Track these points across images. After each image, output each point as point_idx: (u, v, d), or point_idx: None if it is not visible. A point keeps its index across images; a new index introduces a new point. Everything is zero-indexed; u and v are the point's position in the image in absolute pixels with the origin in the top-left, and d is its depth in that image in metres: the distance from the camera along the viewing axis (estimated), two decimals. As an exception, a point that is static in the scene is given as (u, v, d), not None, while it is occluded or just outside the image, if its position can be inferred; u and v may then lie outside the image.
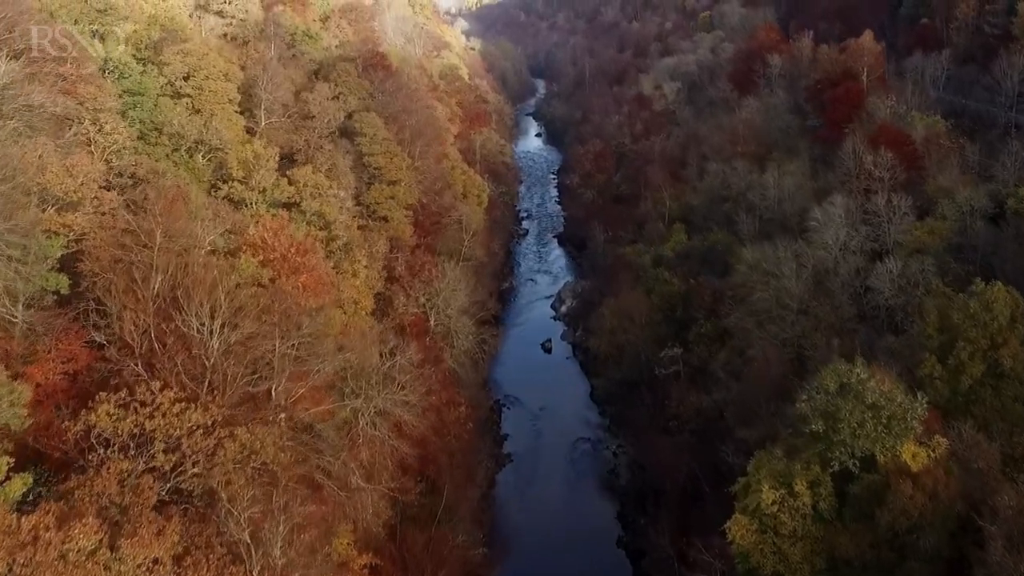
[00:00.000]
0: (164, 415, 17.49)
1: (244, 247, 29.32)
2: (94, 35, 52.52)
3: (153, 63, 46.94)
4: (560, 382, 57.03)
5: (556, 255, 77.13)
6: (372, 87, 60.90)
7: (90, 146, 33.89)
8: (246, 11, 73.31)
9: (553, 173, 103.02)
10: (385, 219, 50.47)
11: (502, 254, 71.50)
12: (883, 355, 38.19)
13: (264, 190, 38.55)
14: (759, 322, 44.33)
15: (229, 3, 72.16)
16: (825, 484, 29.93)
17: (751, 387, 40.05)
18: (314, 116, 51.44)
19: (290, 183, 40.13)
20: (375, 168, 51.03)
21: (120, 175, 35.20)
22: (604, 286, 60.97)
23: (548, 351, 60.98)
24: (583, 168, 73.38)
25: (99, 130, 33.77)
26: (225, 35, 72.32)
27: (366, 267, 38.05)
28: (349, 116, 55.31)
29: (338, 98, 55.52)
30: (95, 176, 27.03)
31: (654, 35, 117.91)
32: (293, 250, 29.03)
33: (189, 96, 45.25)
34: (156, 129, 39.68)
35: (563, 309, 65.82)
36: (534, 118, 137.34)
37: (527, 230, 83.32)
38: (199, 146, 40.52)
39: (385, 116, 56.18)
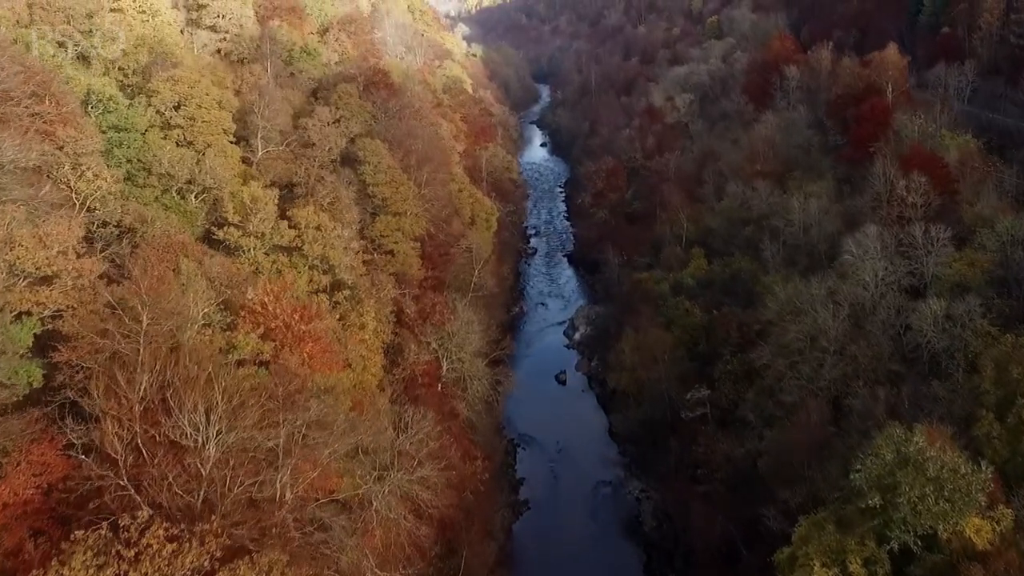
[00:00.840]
0: (152, 559, 14.76)
1: (243, 314, 26.47)
2: (78, 58, 49.95)
3: (142, 91, 44.11)
4: (576, 418, 54.31)
5: (567, 276, 74.33)
6: (374, 108, 57.97)
7: (70, 194, 31.09)
8: (240, 26, 70.21)
9: (560, 186, 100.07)
10: (391, 253, 47.66)
11: (511, 278, 68.71)
12: (928, 403, 35.69)
13: (263, 235, 35.66)
14: (792, 363, 41.65)
15: (222, 17, 69.31)
16: (882, 563, 27.37)
17: (787, 439, 37.40)
18: (314, 144, 48.53)
19: (290, 225, 37.25)
20: (380, 199, 48.16)
21: (104, 224, 32.39)
22: (620, 314, 58.19)
23: (563, 383, 58.26)
24: (595, 186, 70.56)
25: (80, 177, 30.90)
26: (219, 51, 69.46)
27: (375, 318, 35.18)
28: (351, 141, 52.46)
29: (339, 122, 52.59)
30: (73, 242, 24.10)
31: (661, 41, 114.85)
32: (297, 316, 26.25)
33: (180, 127, 42.37)
34: (145, 169, 36.77)
35: (576, 336, 63.06)
36: (538, 127, 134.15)
37: (535, 249, 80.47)
38: (191, 186, 37.61)
39: (389, 141, 53.28)
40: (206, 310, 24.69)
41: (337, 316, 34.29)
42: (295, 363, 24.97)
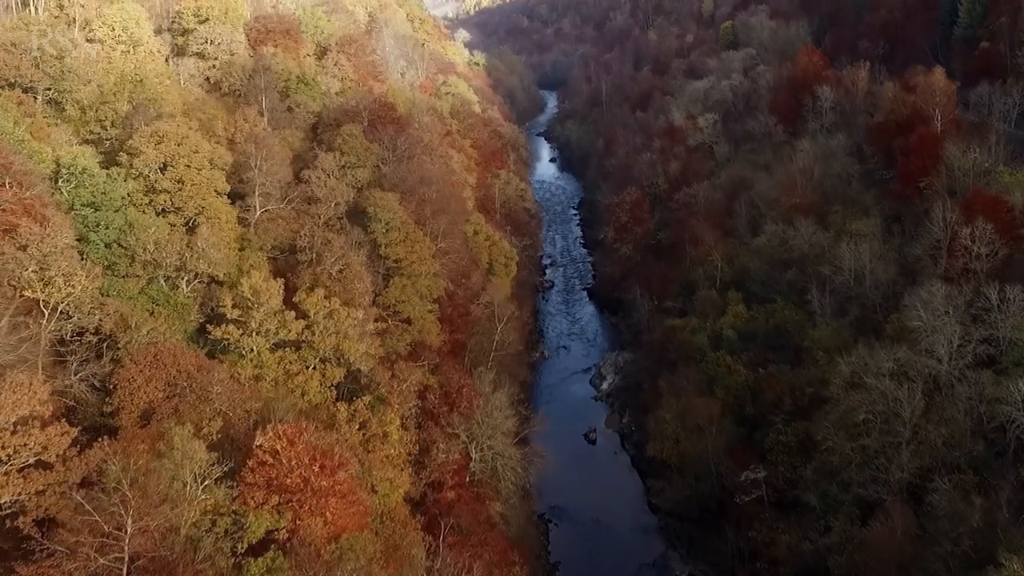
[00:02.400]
0: None
1: (251, 466, 21.93)
2: (48, 103, 44.88)
3: (122, 148, 39.21)
4: (610, 485, 50.06)
5: (588, 314, 69.87)
6: (382, 149, 53.14)
7: (36, 301, 26.44)
8: (231, 52, 65.05)
9: (574, 208, 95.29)
10: (408, 321, 43.13)
11: (530, 320, 64.24)
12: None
13: (267, 331, 31.07)
14: (859, 446, 37.43)
15: (211, 43, 64.00)
16: None
17: (866, 539, 33.33)
18: (319, 199, 43.79)
19: (298, 315, 32.65)
20: (393, 260, 43.54)
21: (81, 332, 27.76)
22: (654, 366, 53.84)
23: (592, 442, 54.00)
24: (618, 220, 65.95)
25: (48, 284, 26.22)
26: (208, 79, 64.23)
27: (399, 426, 30.72)
28: (359, 191, 47.73)
29: (344, 170, 47.83)
30: (35, 405, 19.46)
31: (675, 50, 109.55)
32: (317, 468, 21.84)
33: (167, 192, 37.61)
34: (128, 256, 32.01)
35: (604, 387, 58.75)
36: (546, 139, 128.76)
37: (552, 282, 75.89)
38: (182, 272, 32.89)
39: (401, 189, 48.56)
40: (203, 497, 20.07)
41: (356, 426, 29.79)
42: (318, 532, 20.61)
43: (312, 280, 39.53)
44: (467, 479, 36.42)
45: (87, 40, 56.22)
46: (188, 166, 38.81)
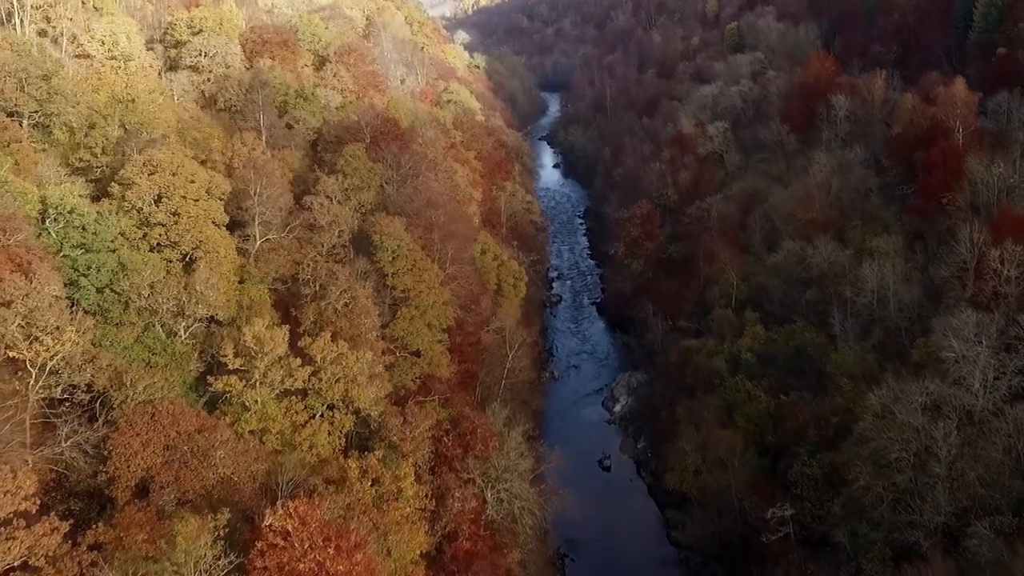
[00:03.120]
0: None
1: (260, 548, 20.12)
2: (35, 127, 42.80)
3: (114, 177, 37.17)
4: (628, 516, 48.40)
5: (598, 331, 68.10)
6: (386, 169, 51.12)
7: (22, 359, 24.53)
8: (227, 65, 62.83)
9: (579, 216, 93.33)
10: (417, 353, 41.31)
11: (539, 340, 62.43)
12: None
13: (272, 382, 29.22)
14: (890, 483, 35.82)
15: (205, 56, 61.73)
16: None
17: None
18: (322, 227, 41.83)
19: (302, 360, 30.78)
20: (401, 291, 41.65)
21: (71, 389, 25.86)
22: (669, 391, 52.19)
23: (607, 469, 52.34)
24: (628, 234, 64.09)
25: (34, 342, 24.31)
26: (203, 93, 61.95)
27: (414, 481, 28.95)
28: (363, 217, 45.77)
29: (348, 194, 45.86)
30: (21, 501, 17.61)
31: (680, 52, 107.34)
32: (332, 550, 20.06)
33: (162, 225, 35.64)
34: (121, 302, 30.04)
35: (617, 409, 57.07)
36: (548, 144, 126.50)
37: (560, 296, 74.09)
38: (179, 318, 30.95)
39: (407, 212, 46.61)
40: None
41: (369, 482, 28.01)
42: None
43: (316, 314, 37.73)
44: (483, 524, 34.67)
45: (76, 55, 54.20)
46: (184, 197, 36.89)
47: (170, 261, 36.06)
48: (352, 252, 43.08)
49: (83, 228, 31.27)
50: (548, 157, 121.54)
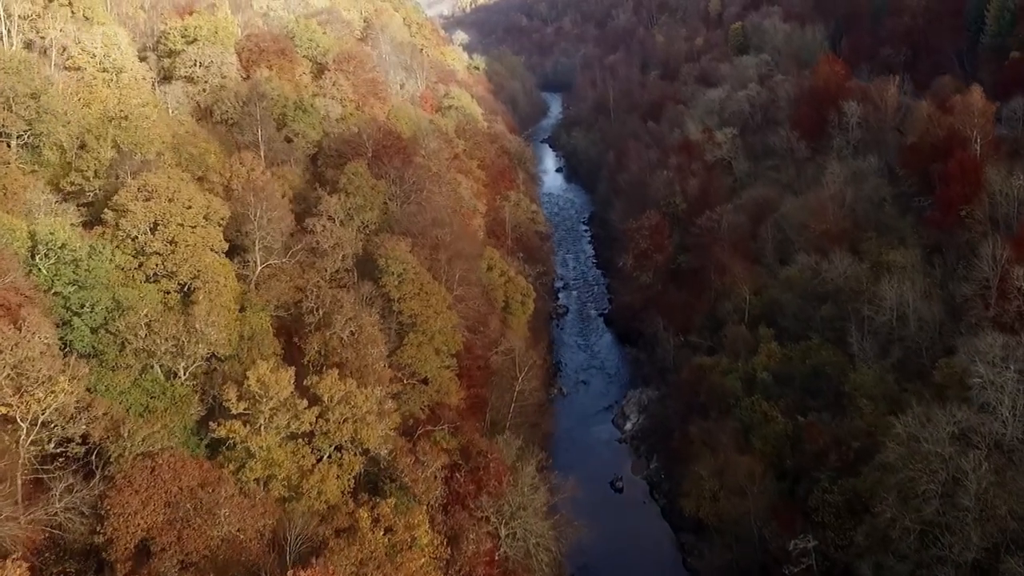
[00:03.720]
0: None
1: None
2: (24, 147, 41.14)
3: (108, 203, 35.58)
4: (642, 540, 47.15)
5: (606, 344, 66.76)
6: (389, 185, 49.56)
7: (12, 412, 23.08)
8: (222, 75, 61.02)
9: (584, 223, 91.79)
10: (425, 381, 39.93)
11: (547, 355, 61.06)
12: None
13: (278, 427, 27.80)
14: (917, 514, 34.68)
15: (200, 65, 59.88)
16: None
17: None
18: (325, 252, 40.30)
19: (309, 401, 29.37)
20: (408, 316, 40.20)
21: (66, 442, 24.41)
22: (683, 409, 50.94)
23: (619, 490, 51.12)
24: (637, 246, 62.70)
25: (24, 395, 22.86)
26: (198, 105, 60.13)
27: (428, 527, 27.63)
28: (367, 238, 44.24)
29: (351, 214, 44.30)
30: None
31: (684, 53, 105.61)
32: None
33: (158, 254, 34.14)
34: (117, 344, 28.51)
35: (628, 427, 55.82)
36: (550, 146, 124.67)
37: (566, 307, 72.68)
38: (179, 358, 29.46)
39: (412, 232, 45.12)
40: None
41: (381, 531, 26.67)
42: None
43: (321, 344, 36.36)
44: (497, 563, 33.41)
45: (66, 67, 52.36)
46: (181, 224, 35.36)
47: (167, 292, 34.63)
48: (356, 276, 41.63)
49: (75, 263, 29.75)
50: (550, 160, 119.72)
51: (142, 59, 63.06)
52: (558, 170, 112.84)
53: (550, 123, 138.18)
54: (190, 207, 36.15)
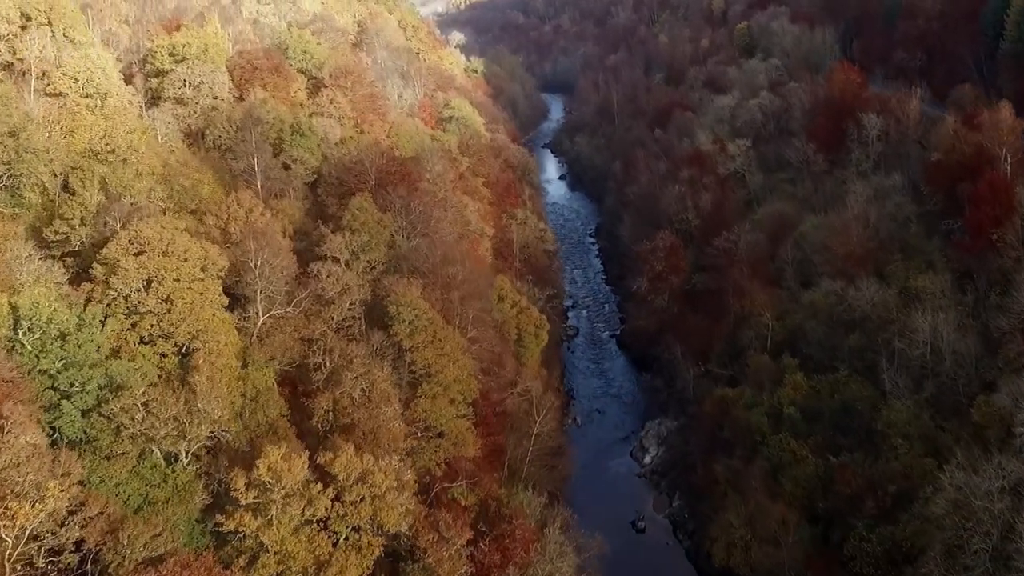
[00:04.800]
0: None
1: None
2: (3, 189, 38.31)
3: (96, 255, 32.91)
4: (667, 588, 45.44)
5: (619, 369, 64.60)
6: (395, 218, 46.89)
7: None
8: (214, 95, 57.91)
9: (590, 234, 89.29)
10: (441, 435, 37.63)
11: (560, 383, 58.96)
12: None
13: (291, 516, 25.47)
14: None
15: (190, 86, 56.71)
16: None
17: None
18: (332, 300, 37.78)
19: (322, 478, 27.04)
20: (422, 366, 37.82)
21: (56, 553, 21.98)
22: (704, 442, 48.98)
23: (641, 531, 49.18)
24: (651, 269, 60.40)
25: (6, 507, 20.44)
26: (189, 127, 57.01)
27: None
28: (375, 278, 41.69)
29: (357, 255, 41.69)
30: None
31: (689, 56, 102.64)
32: None
33: (153, 314, 31.60)
34: (112, 429, 25.99)
35: (647, 460, 53.83)
36: (552, 152, 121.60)
37: (577, 329, 70.42)
38: (180, 440, 26.99)
39: (423, 271, 42.63)
40: None
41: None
42: None
43: (330, 403, 33.98)
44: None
45: (46, 94, 49.21)
46: (178, 279, 32.75)
47: (163, 355, 32.11)
48: (364, 323, 39.17)
49: (63, 338, 27.13)
50: (552, 166, 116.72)
51: (128, 79, 59.84)
52: (561, 177, 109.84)
53: (551, 126, 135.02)
54: (186, 260, 33.55)
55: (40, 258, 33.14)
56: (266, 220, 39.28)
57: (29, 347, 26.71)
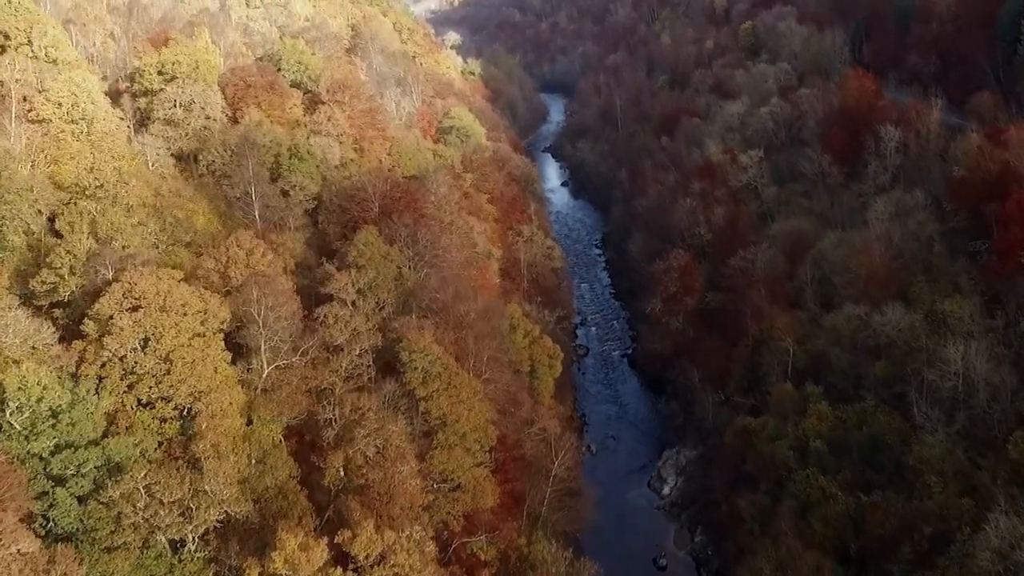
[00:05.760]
0: None
1: None
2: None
3: (89, 318, 30.58)
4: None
5: (632, 392, 62.74)
6: (402, 249, 44.61)
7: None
8: (206, 116, 55.12)
9: (596, 245, 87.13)
10: (458, 487, 35.71)
11: (572, 410, 57.14)
12: None
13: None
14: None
15: (180, 107, 53.95)
16: None
17: None
18: (340, 347, 35.62)
19: (343, 563, 25.06)
20: (437, 417, 35.80)
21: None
22: (727, 474, 47.33)
23: (663, 568, 47.62)
24: (665, 290, 58.47)
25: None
26: (181, 151, 54.23)
27: None
28: (384, 319, 39.50)
29: (364, 293, 39.44)
30: None
31: (694, 58, 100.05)
32: None
33: (151, 375, 29.42)
34: (111, 516, 23.79)
35: (666, 491, 52.18)
36: (553, 156, 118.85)
37: (587, 348, 68.47)
38: (186, 524, 24.88)
39: (434, 309, 40.48)
40: None
41: None
42: None
43: (343, 462, 31.94)
44: None
45: (28, 120, 46.36)
46: (176, 336, 30.55)
47: (163, 420, 29.93)
48: (375, 370, 37.04)
49: (54, 416, 24.88)
50: (553, 171, 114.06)
51: (115, 97, 56.92)
52: (563, 184, 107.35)
53: (550, 129, 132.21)
54: (185, 314, 31.30)
55: (27, 317, 30.73)
56: (267, 261, 36.90)
57: (18, 428, 24.47)
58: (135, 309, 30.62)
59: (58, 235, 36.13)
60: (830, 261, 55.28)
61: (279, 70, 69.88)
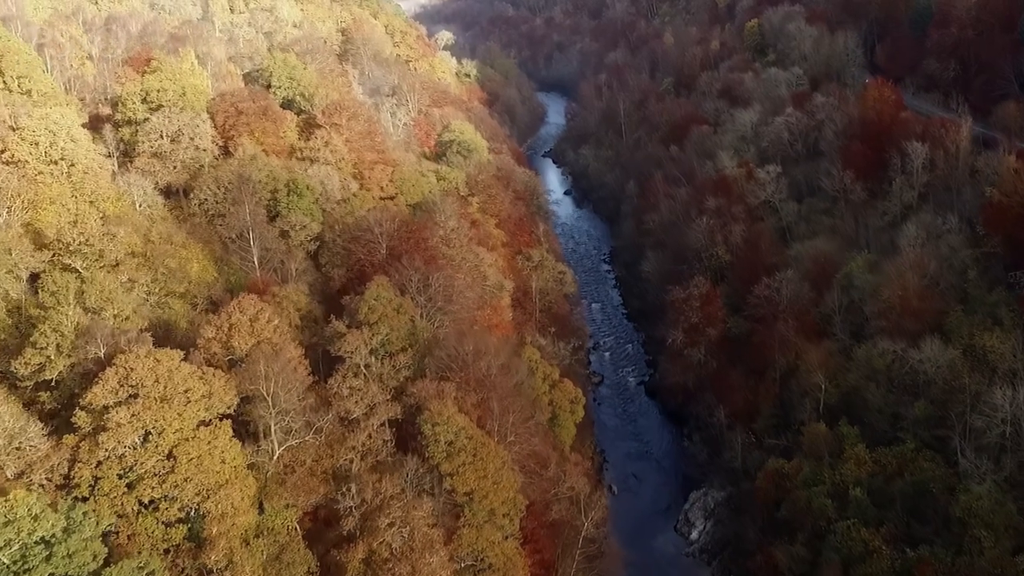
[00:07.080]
0: None
1: None
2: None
3: (81, 409, 27.48)
4: None
5: (652, 425, 60.23)
6: (414, 295, 41.54)
7: None
8: (196, 147, 51.39)
9: (604, 259, 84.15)
10: (489, 566, 33.18)
11: (592, 450, 54.73)
12: None
13: None
14: None
15: (167, 139, 50.24)
16: None
17: None
18: (357, 421, 32.74)
19: None
20: (464, 493, 33.13)
21: None
22: (761, 521, 45.26)
23: (694, 622, 45.70)
24: (687, 319, 55.86)
25: None
26: (169, 187, 50.56)
27: None
28: (401, 382, 36.59)
29: (376, 353, 36.46)
30: None
31: (699, 60, 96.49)
32: None
33: (155, 475, 26.54)
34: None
35: (694, 536, 50.02)
36: (554, 162, 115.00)
37: (601, 376, 65.90)
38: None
39: (453, 368, 37.58)
40: None
41: None
42: None
43: (365, 553, 29.26)
44: None
45: (2, 162, 42.53)
46: (179, 430, 27.51)
47: (168, 525, 27.02)
48: (392, 440, 34.21)
49: (48, 545, 21.92)
50: (554, 177, 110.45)
51: (95, 126, 52.97)
52: (566, 193, 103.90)
53: (549, 131, 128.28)
54: (188, 401, 28.22)
55: (11, 411, 27.46)
56: (273, 327, 33.73)
57: (7, 562, 21.49)
58: (133, 397, 27.54)
59: (43, 310, 32.61)
60: (859, 287, 52.89)
61: (269, 87, 65.99)
